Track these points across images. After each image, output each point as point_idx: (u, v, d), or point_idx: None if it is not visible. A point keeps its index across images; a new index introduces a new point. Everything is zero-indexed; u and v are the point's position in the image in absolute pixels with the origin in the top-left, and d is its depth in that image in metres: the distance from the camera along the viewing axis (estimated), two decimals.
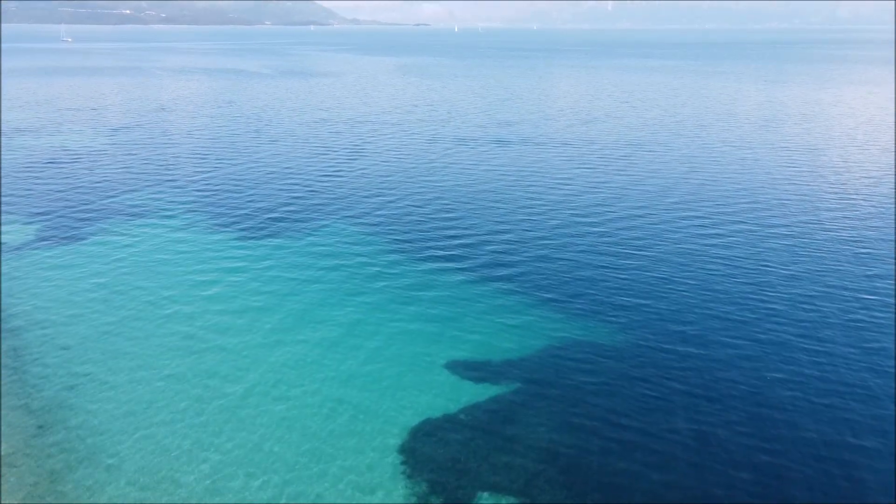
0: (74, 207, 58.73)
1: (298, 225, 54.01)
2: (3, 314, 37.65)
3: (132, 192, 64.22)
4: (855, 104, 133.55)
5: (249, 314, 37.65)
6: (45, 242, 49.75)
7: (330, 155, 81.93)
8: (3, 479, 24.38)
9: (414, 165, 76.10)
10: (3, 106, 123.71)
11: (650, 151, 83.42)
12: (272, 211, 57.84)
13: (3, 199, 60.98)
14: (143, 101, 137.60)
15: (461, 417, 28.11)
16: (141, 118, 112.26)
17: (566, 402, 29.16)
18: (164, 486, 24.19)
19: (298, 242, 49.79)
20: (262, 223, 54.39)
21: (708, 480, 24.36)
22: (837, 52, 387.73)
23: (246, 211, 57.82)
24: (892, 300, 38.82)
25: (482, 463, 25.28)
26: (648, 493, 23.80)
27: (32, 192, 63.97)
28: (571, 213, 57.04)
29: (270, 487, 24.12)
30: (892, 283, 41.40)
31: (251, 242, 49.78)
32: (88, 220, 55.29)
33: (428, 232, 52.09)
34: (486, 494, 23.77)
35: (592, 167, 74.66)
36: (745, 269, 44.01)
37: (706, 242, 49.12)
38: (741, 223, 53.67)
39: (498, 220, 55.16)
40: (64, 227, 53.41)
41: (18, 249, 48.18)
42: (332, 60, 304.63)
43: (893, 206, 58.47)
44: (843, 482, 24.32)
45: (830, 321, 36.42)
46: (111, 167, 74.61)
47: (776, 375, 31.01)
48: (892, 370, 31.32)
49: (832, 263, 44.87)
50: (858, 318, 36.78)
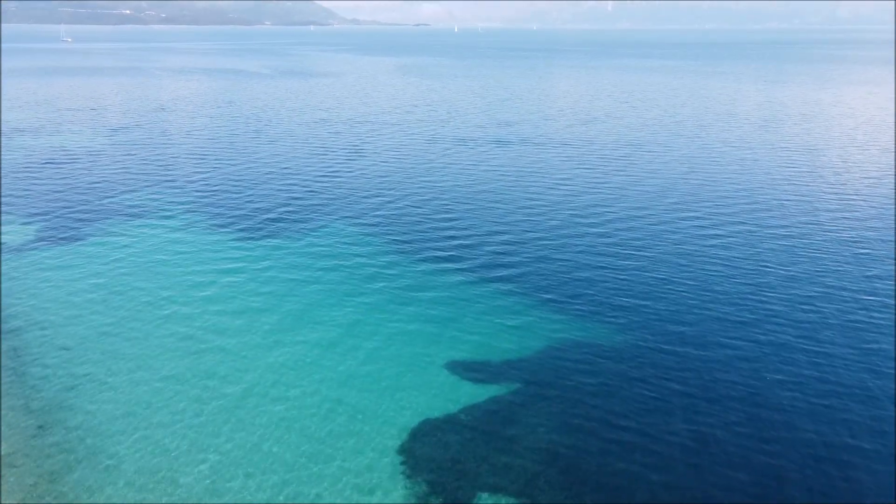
0: (74, 207, 58.76)
1: (297, 225, 54.03)
2: (2, 314, 37.67)
3: (131, 192, 64.25)
4: (855, 104, 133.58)
5: (248, 314, 37.68)
6: (44, 242, 49.77)
7: (329, 155, 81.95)
8: (2, 479, 24.41)
9: (413, 166, 76.13)
10: (2, 106, 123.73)
11: (650, 152, 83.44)
12: (271, 211, 57.87)
13: (2, 199, 61.01)
14: (142, 101, 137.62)
15: (460, 418, 28.13)
16: (140, 118, 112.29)
17: (565, 402, 29.19)
18: (163, 486, 24.21)
19: (297, 243, 49.81)
20: (261, 223, 54.42)
21: (706, 481, 24.38)
22: (837, 52, 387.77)
23: (245, 211, 57.85)
24: (891, 301, 38.85)
25: (481, 463, 25.30)
26: (647, 493, 23.82)
27: (32, 192, 64.00)
28: (571, 213, 57.07)
29: (269, 488, 24.14)
30: (891, 283, 41.42)
31: (250, 243, 49.80)
32: (88, 220, 55.31)
33: (427, 232, 52.12)
34: (485, 495, 23.79)
35: (592, 167, 74.69)
36: (744, 269, 44.03)
37: (706, 243, 49.14)
38: (741, 223, 53.71)
39: (497, 220, 55.18)
40: (63, 227, 53.43)
41: (18, 250, 48.20)
42: (331, 60, 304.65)
43: (893, 206, 58.50)
44: (841, 483, 24.35)
45: (830, 322, 36.45)
46: (111, 167, 74.64)
47: (775, 376, 31.03)
48: (891, 371, 31.34)
49: (831, 264, 44.89)
50: (858, 319, 36.80)
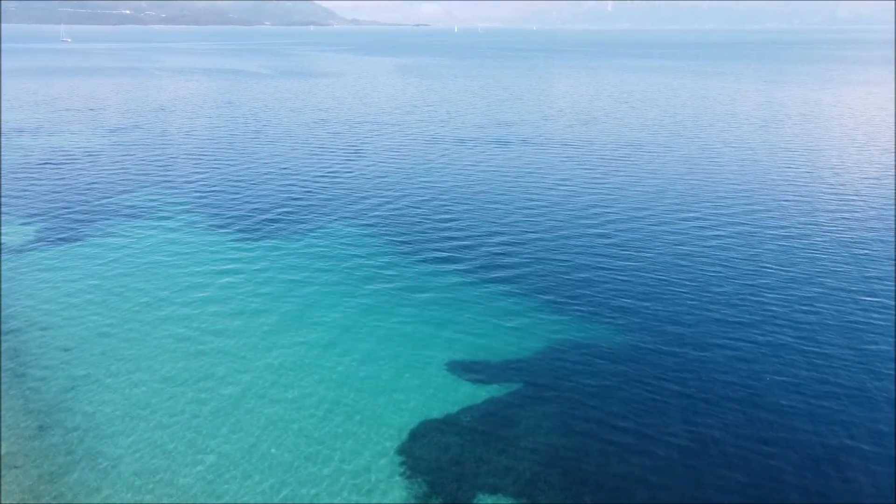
0: (73, 208, 58.75)
1: (296, 225, 54.03)
2: (1, 315, 37.67)
3: (131, 192, 64.25)
4: (855, 104, 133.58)
5: (246, 315, 37.68)
6: (43, 243, 49.77)
7: (328, 155, 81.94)
8: (2, 479, 24.43)
9: (412, 166, 76.12)
10: (2, 106, 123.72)
11: (649, 152, 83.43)
12: (270, 211, 57.87)
13: (2, 199, 61.00)
14: (142, 101, 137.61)
15: (459, 419, 28.12)
16: (140, 119, 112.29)
17: (564, 403, 29.18)
18: (161, 486, 24.22)
19: (296, 243, 49.81)
20: (259, 224, 54.41)
21: (705, 482, 24.38)
22: (837, 52, 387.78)
23: (244, 211, 57.85)
24: (891, 302, 38.81)
25: (480, 464, 25.29)
26: (646, 494, 23.81)
27: (31, 192, 63.99)
28: (570, 213, 57.07)
29: (267, 488, 24.13)
30: (891, 284, 41.38)
31: (249, 243, 49.80)
32: (87, 220, 55.31)
33: (426, 233, 52.11)
34: (484, 496, 23.78)
35: (591, 167, 74.69)
36: (743, 270, 44.02)
37: (705, 244, 49.13)
38: (740, 224, 53.69)
39: (496, 220, 55.18)
40: (62, 227, 53.42)
41: (18, 250, 48.20)
42: (331, 61, 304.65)
43: (893, 207, 58.49)
44: (839, 484, 24.33)
45: (829, 323, 36.43)
46: (110, 167, 74.63)
47: (773, 378, 31.00)
48: (891, 373, 31.30)
49: (831, 265, 44.88)
50: (857, 320, 36.77)
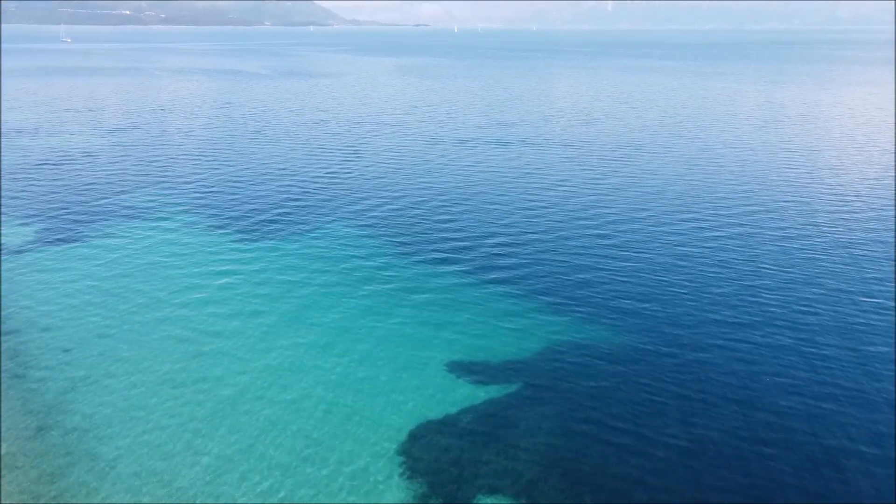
0: (72, 208, 58.74)
1: (295, 226, 54.02)
2: (1, 315, 37.66)
3: (130, 193, 64.23)
4: (854, 105, 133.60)
5: (245, 316, 37.66)
6: (43, 243, 49.75)
7: (328, 156, 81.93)
8: (2, 479, 24.44)
9: (412, 167, 76.11)
10: (2, 107, 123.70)
11: (649, 152, 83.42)
12: (269, 212, 57.86)
13: (2, 199, 60.99)
14: (141, 101, 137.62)
15: (457, 420, 28.11)
16: (139, 119, 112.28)
17: (563, 405, 29.15)
18: (160, 487, 24.23)
19: (295, 244, 49.80)
20: (259, 224, 54.40)
21: (704, 483, 24.37)
22: (837, 52, 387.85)
23: (243, 212, 57.84)
24: (891, 303, 38.78)
25: (479, 466, 25.28)
26: (645, 495, 23.81)
27: (31, 192, 63.99)
28: (570, 214, 57.05)
29: (266, 489, 24.12)
30: (891, 286, 41.33)
31: (248, 244, 49.79)
32: (86, 221, 55.29)
33: (425, 233, 52.10)
34: (483, 497, 23.78)
35: (591, 168, 74.67)
36: (743, 271, 43.99)
37: (705, 245, 49.10)
38: (740, 225, 53.67)
39: (496, 221, 55.16)
40: (62, 228, 53.41)
41: (17, 251, 48.19)
42: (331, 61, 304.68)
43: (893, 208, 58.46)
44: (838, 485, 24.33)
45: (828, 325, 36.40)
46: (109, 168, 74.60)
47: (773, 379, 31.00)
48: (890, 374, 31.28)
49: (830, 266, 44.85)
50: (856, 321, 36.73)
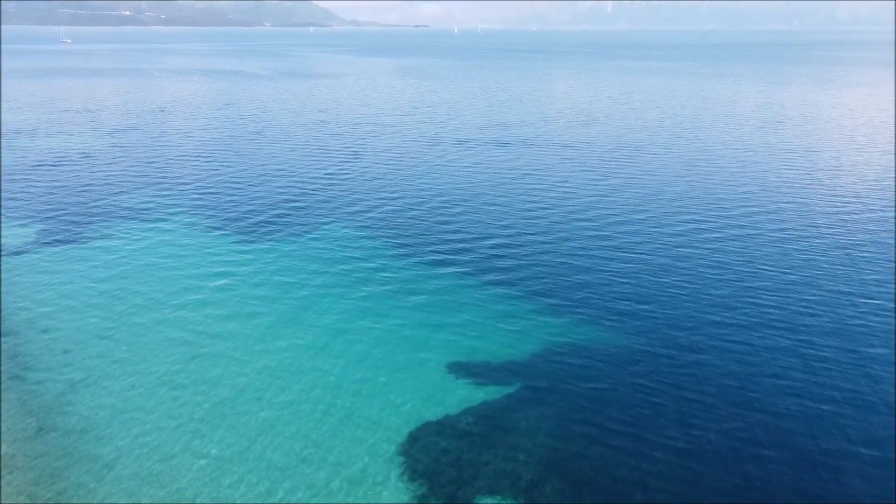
0: (72, 209, 58.72)
1: (295, 228, 54.01)
2: (1, 316, 37.67)
3: (129, 194, 64.21)
4: (854, 106, 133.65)
5: (243, 318, 37.64)
6: (42, 244, 49.74)
7: (327, 157, 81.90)
8: (2, 480, 24.44)
9: (411, 167, 76.11)
10: (2, 107, 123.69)
11: (649, 154, 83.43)
12: (269, 213, 57.85)
13: (1, 201, 60.99)
14: (141, 102, 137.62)
15: (456, 422, 28.08)
16: (139, 120, 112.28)
17: (562, 406, 29.12)
18: (158, 488, 24.24)
19: (294, 245, 49.79)
20: (258, 226, 54.39)
21: (703, 485, 24.35)
22: (837, 53, 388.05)
23: (242, 214, 57.82)
24: (891, 305, 38.74)
25: (478, 468, 25.25)
26: (644, 497, 23.80)
27: (30, 193, 63.97)
28: (569, 215, 57.00)
29: (264, 490, 24.10)
30: (891, 288, 41.26)
31: (246, 245, 49.78)
32: (85, 222, 55.28)
33: (424, 235, 52.08)
34: (482, 498, 23.77)
35: (590, 169, 74.68)
36: (742, 273, 43.96)
37: (704, 246, 49.07)
38: (740, 226, 53.65)
39: (495, 222, 55.15)
40: (61, 229, 53.40)
41: (16, 252, 48.19)
42: (331, 62, 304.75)
43: (893, 209, 58.45)
44: (836, 487, 24.30)
45: (828, 327, 36.35)
46: (108, 169, 74.58)
47: (771, 381, 30.99)
48: (890, 376, 31.25)
49: (829, 267, 44.82)
50: (856, 323, 36.69)
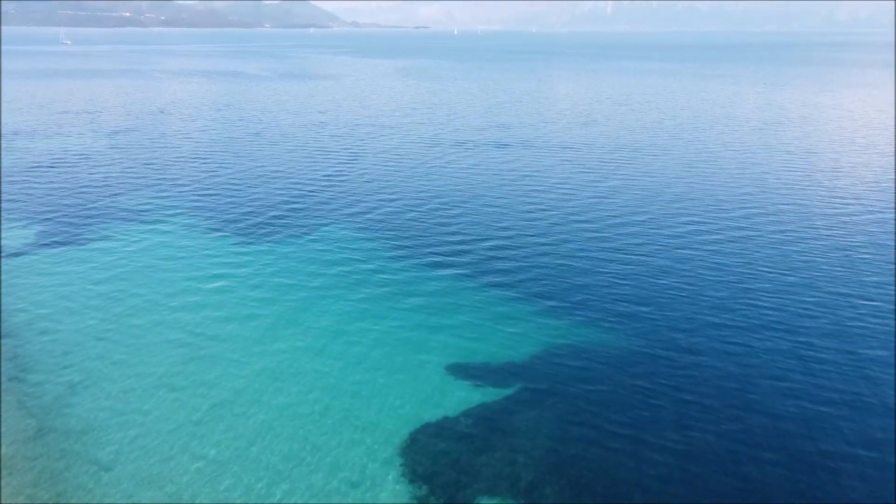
0: (71, 211, 58.69)
1: (293, 229, 53.98)
2: (1, 317, 37.67)
3: (129, 195, 64.17)
4: (854, 107, 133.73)
5: (242, 319, 37.62)
6: (41, 246, 49.72)
7: (327, 158, 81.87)
8: (2, 480, 24.45)
9: (411, 169, 76.09)
10: (1, 109, 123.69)
11: (648, 155, 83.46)
12: (267, 215, 57.83)
13: (2, 201, 60.99)
14: (141, 104, 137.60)
15: (454, 424, 28.06)
16: (139, 121, 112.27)
17: (561, 409, 29.08)
18: (157, 489, 24.26)
19: (293, 247, 49.78)
20: (256, 227, 54.37)
21: (701, 487, 24.33)
22: (836, 54, 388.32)
23: (241, 215, 57.80)
24: (891, 307, 38.70)
25: (477, 470, 25.21)
26: (643, 498, 23.79)
27: (31, 194, 63.96)
28: (568, 216, 56.98)
29: (262, 492, 24.10)
30: (891, 290, 41.21)
31: (245, 247, 49.77)
32: (84, 223, 55.26)
33: (424, 236, 52.06)
34: (481, 500, 23.75)
35: (590, 170, 74.68)
36: (742, 275, 43.96)
37: (704, 248, 49.05)
38: (740, 228, 53.63)
39: (494, 223, 55.13)
40: (60, 231, 53.38)
41: (15, 253, 48.18)
42: (331, 63, 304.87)
43: (893, 210, 58.43)
44: (834, 489, 24.29)
45: (827, 329, 36.33)
46: (108, 170, 74.54)
47: (770, 383, 30.98)
48: (889, 379, 31.20)
49: (829, 269, 44.80)
50: (855, 326, 36.66)
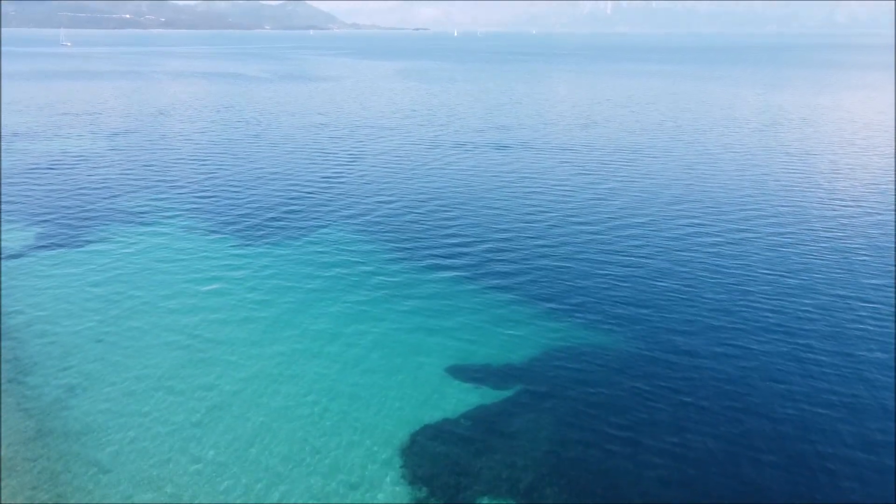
0: (70, 213, 58.63)
1: (292, 231, 53.94)
2: (1, 318, 37.65)
3: (128, 197, 64.15)
4: (854, 109, 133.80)
5: (241, 322, 37.56)
6: (41, 248, 49.69)
7: (326, 160, 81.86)
8: (2, 482, 24.43)
9: (410, 170, 76.07)
10: (1, 110, 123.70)
11: (648, 157, 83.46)
12: (266, 217, 57.79)
13: (2, 203, 60.97)
14: (141, 105, 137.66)
15: (453, 426, 28.01)
16: (138, 123, 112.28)
17: (560, 411, 29.04)
18: (155, 490, 24.24)
19: (291, 249, 49.75)
20: (255, 229, 54.33)
21: (699, 490, 24.29)
22: (836, 56, 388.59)
23: (240, 217, 57.77)
24: (891, 310, 38.68)
25: (476, 472, 25.18)
26: (642, 500, 23.77)
27: (31, 196, 63.95)
28: (568, 218, 56.96)
29: (260, 494, 24.08)
30: (891, 292, 41.20)
31: (244, 249, 49.72)
32: (84, 225, 55.23)
33: (423, 238, 52.02)
34: (481, 501, 23.79)
35: (590, 172, 74.67)
36: (741, 277, 43.93)
37: (704, 251, 49.03)
38: (739, 231, 53.59)
39: (494, 225, 55.12)
40: (60, 232, 53.34)
41: (15, 255, 48.14)
42: (331, 65, 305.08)
43: (893, 212, 58.42)
44: (832, 491, 24.26)
45: (826, 332, 36.30)
46: (108, 172, 74.52)
47: (769, 386, 30.96)
48: (889, 381, 31.16)
49: (829, 272, 44.79)
50: (855, 328, 36.63)
